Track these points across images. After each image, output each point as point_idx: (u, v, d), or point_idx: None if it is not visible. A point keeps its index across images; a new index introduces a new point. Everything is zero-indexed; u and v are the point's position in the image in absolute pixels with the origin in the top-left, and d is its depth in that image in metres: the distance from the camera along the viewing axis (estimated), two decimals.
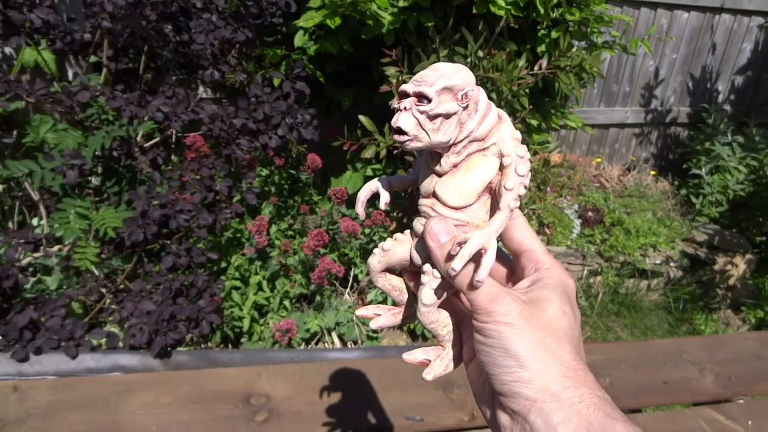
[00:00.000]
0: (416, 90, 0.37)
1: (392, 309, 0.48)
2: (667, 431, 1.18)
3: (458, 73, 0.38)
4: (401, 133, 0.37)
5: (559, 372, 0.34)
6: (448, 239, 0.38)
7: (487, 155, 0.39)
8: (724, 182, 2.83)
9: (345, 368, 1.25)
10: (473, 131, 0.39)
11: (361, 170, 2.45)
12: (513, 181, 0.38)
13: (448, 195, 0.39)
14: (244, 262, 1.94)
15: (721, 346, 1.48)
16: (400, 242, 0.44)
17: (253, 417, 1.07)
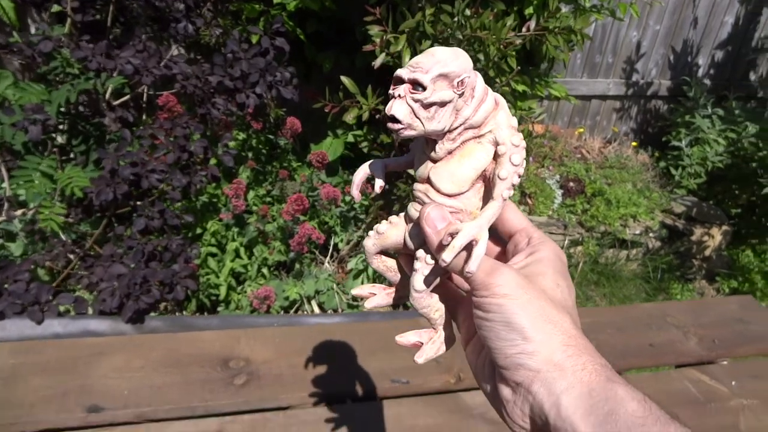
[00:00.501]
0: (411, 77, 0.36)
1: (387, 288, 0.48)
2: (654, 391, 1.17)
3: (455, 59, 0.36)
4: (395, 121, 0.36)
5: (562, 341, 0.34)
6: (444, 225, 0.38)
7: (482, 142, 0.39)
8: (703, 154, 2.84)
9: (327, 332, 1.20)
10: (469, 118, 0.38)
11: (342, 136, 2.38)
12: (507, 170, 0.38)
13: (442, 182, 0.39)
14: (220, 228, 1.87)
15: (703, 310, 1.49)
16: (395, 225, 0.44)
17: (231, 380, 1.03)
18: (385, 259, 0.47)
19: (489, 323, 0.36)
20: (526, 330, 0.34)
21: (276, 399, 1.01)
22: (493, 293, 0.36)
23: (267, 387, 1.02)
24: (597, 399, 0.32)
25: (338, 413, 1.00)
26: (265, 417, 0.97)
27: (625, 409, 0.31)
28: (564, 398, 0.32)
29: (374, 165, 0.45)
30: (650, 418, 0.31)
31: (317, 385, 1.04)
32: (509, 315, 0.35)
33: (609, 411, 0.31)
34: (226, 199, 1.92)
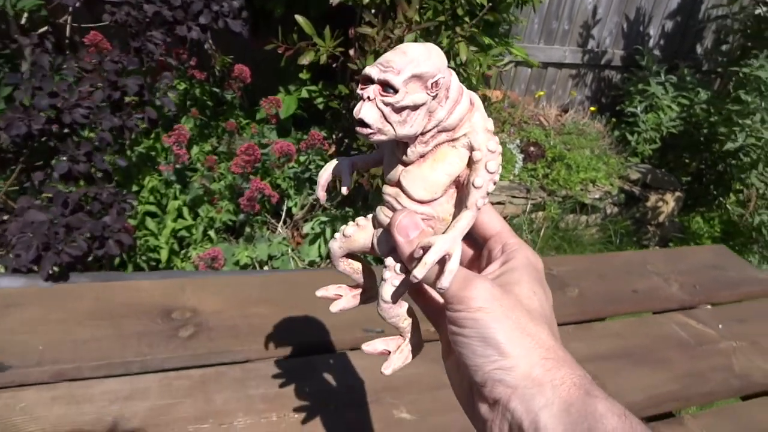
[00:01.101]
0: (381, 77, 0.33)
1: (353, 290, 0.47)
2: (643, 335, 1.09)
3: (428, 58, 0.34)
4: (364, 125, 0.34)
5: (540, 355, 0.33)
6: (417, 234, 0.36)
7: (456, 147, 0.37)
8: (657, 120, 2.85)
9: (288, 281, 1.05)
10: (443, 120, 0.36)
11: (295, 93, 2.21)
12: (482, 178, 0.36)
13: (414, 187, 0.37)
14: (159, 185, 1.67)
15: (681, 258, 1.44)
16: (363, 228, 0.42)
17: (176, 333, 0.86)
18: (351, 261, 0.45)
19: (465, 339, 0.34)
20: (502, 345, 0.33)
21: (230, 352, 0.85)
22: (468, 307, 0.34)
23: (219, 339, 0.86)
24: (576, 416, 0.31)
25: (304, 366, 0.85)
26: (218, 371, 0.81)
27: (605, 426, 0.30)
28: (542, 416, 0.31)
29: (341, 164, 0.42)
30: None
31: (279, 337, 0.89)
32: (485, 330, 0.34)
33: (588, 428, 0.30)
34: (166, 153, 1.71)
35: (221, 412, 0.75)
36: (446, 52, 1.53)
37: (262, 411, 0.76)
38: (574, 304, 1.15)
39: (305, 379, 0.83)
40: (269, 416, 0.75)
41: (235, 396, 0.77)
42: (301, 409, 0.77)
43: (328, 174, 0.42)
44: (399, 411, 0.81)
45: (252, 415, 0.75)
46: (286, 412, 0.76)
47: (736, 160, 2.90)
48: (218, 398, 0.77)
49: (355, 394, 0.82)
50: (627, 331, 1.10)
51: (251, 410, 0.76)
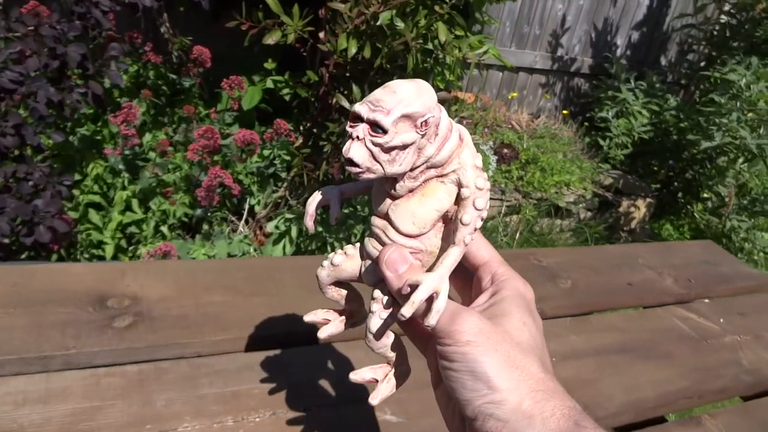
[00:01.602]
0: (371, 117, 0.33)
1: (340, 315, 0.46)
2: (644, 329, 1.00)
3: (419, 96, 0.34)
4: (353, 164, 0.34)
5: (529, 387, 0.33)
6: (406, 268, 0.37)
7: (445, 182, 0.37)
8: (629, 125, 2.83)
9: (249, 267, 0.91)
10: (432, 157, 0.36)
11: (260, 83, 2.07)
12: (470, 215, 0.36)
13: (402, 222, 0.37)
14: (104, 173, 1.50)
15: (670, 252, 1.36)
16: (351, 258, 0.42)
17: (110, 323, 0.71)
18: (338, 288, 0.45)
19: (455, 373, 0.34)
20: (492, 378, 0.33)
21: (177, 345, 0.70)
22: (456, 341, 0.34)
23: (164, 331, 0.72)
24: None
25: (268, 361, 0.71)
26: (160, 368, 0.66)
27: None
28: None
29: (329, 193, 0.42)
30: None
31: (238, 328, 0.75)
32: (473, 363, 0.34)
33: None
34: (114, 140, 1.54)
35: (162, 417, 0.60)
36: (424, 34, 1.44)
37: (215, 414, 0.61)
38: (567, 296, 1.05)
39: (270, 376, 0.69)
40: (224, 420, 0.61)
41: (181, 397, 0.63)
42: (264, 411, 0.63)
43: (317, 203, 0.42)
44: (383, 412, 0.68)
45: (202, 419, 0.60)
46: (244, 415, 0.62)
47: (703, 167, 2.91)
48: (159, 399, 0.62)
49: (329, 394, 0.68)
50: (627, 324, 1.00)
51: (201, 413, 0.61)
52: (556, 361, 0.85)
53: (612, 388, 0.82)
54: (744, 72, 2.27)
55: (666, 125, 2.84)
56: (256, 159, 1.94)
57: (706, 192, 3.01)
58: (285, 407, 0.64)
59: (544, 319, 0.94)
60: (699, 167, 2.94)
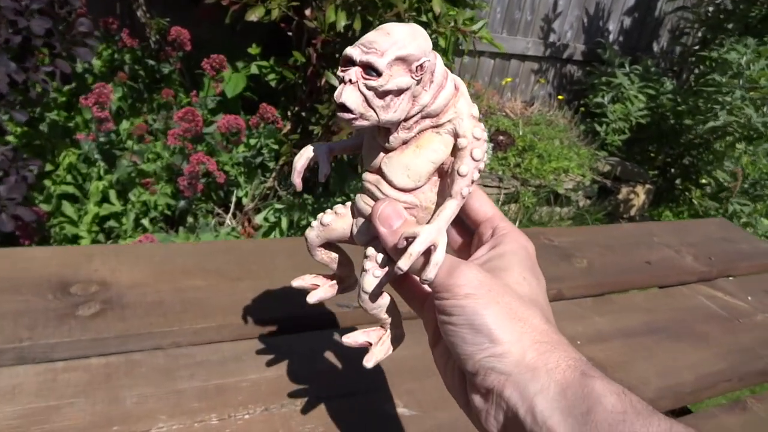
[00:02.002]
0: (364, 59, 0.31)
1: (330, 280, 0.44)
2: (671, 308, 0.92)
3: (413, 39, 0.32)
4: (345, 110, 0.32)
5: (533, 339, 0.32)
6: (400, 223, 0.35)
7: (440, 133, 0.35)
8: (625, 110, 2.76)
9: (234, 249, 0.82)
10: (427, 106, 0.34)
11: (243, 70, 1.97)
12: (468, 166, 0.34)
13: (396, 175, 0.36)
14: (78, 162, 1.39)
15: (687, 230, 1.29)
16: (341, 217, 0.40)
17: (72, 311, 0.61)
18: (328, 251, 0.42)
19: (454, 328, 0.33)
20: (493, 331, 0.31)
21: (151, 335, 0.61)
22: (455, 294, 0.32)
23: (136, 319, 0.62)
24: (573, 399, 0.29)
25: (258, 351, 0.62)
26: (131, 360, 0.57)
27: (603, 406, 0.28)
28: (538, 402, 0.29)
29: (317, 150, 0.40)
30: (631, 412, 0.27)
31: (225, 314, 0.66)
32: (474, 316, 0.32)
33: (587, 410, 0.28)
34: (87, 126, 1.44)
35: (133, 416, 0.50)
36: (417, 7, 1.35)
37: (196, 412, 0.52)
38: (584, 276, 0.96)
39: (260, 366, 0.59)
40: (207, 418, 0.51)
41: (155, 392, 0.53)
42: (254, 407, 0.54)
43: (305, 160, 0.40)
44: (394, 404, 0.58)
45: (180, 418, 0.51)
46: (231, 411, 0.53)
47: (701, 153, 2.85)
48: (129, 396, 0.52)
49: (330, 385, 0.59)
50: (651, 304, 0.92)
51: (180, 411, 0.51)
52: (581, 344, 0.76)
53: (646, 372, 0.73)
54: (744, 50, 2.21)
55: (663, 110, 2.78)
56: (243, 149, 1.84)
57: (705, 177, 2.95)
58: (279, 401, 0.55)
59: (562, 300, 0.86)
60: (697, 152, 2.88)
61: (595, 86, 3.07)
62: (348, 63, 0.32)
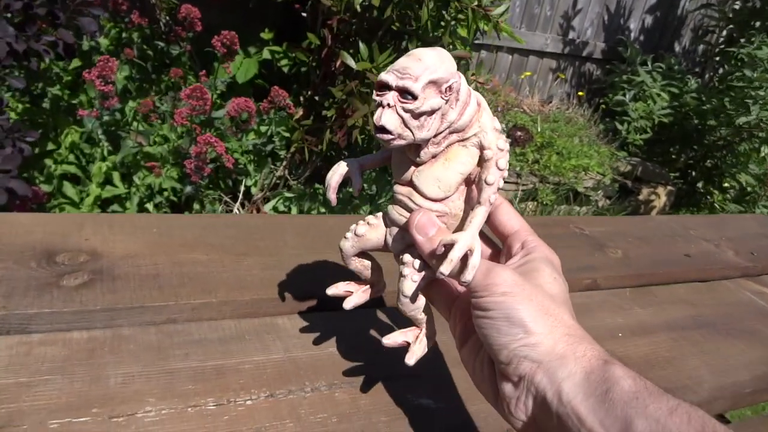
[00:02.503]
0: (400, 84, 0.34)
1: (362, 285, 0.46)
2: (718, 304, 0.83)
3: (442, 63, 0.35)
4: (385, 131, 0.35)
5: (562, 332, 0.35)
6: (435, 231, 0.38)
7: (467, 146, 0.38)
8: (647, 109, 2.67)
9: (241, 224, 0.75)
10: (454, 122, 0.36)
11: (255, 55, 1.90)
12: (494, 175, 0.37)
13: (428, 187, 0.38)
14: (81, 141, 1.33)
15: (724, 225, 1.20)
16: (374, 228, 0.43)
17: (56, 281, 0.54)
18: (362, 259, 0.45)
19: (490, 320, 0.36)
20: (527, 323, 0.35)
21: (144, 309, 0.54)
22: (492, 292, 0.36)
23: (127, 291, 0.55)
24: (595, 382, 0.32)
25: (263, 329, 0.54)
26: (118, 335, 0.50)
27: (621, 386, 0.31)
28: (565, 385, 0.33)
29: (350, 165, 0.43)
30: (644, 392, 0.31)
31: (227, 290, 0.59)
32: (510, 311, 0.35)
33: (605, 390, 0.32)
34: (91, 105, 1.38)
35: (116, 397, 0.43)
36: None
37: (190, 395, 0.45)
38: (620, 266, 0.88)
39: (265, 348, 0.52)
40: (202, 402, 0.44)
41: (144, 372, 0.46)
42: (258, 391, 0.46)
43: (339, 176, 0.42)
44: (415, 394, 0.51)
45: (172, 401, 0.44)
46: (231, 396, 0.45)
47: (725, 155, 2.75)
48: (114, 375, 0.45)
49: (343, 371, 0.51)
50: (695, 297, 0.84)
51: (171, 393, 0.44)
52: (623, 336, 0.69)
53: (698, 369, 0.65)
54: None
55: (686, 109, 2.68)
56: (253, 136, 1.78)
57: (728, 181, 2.85)
58: (285, 387, 0.48)
59: (598, 290, 0.78)
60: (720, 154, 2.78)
61: (615, 84, 2.98)
62: (383, 88, 0.35)
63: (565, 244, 0.94)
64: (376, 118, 0.35)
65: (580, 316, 0.74)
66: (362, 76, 1.36)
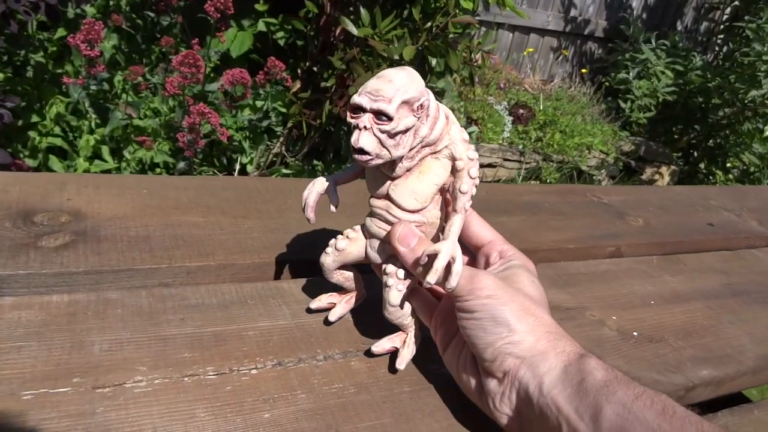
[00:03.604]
0: (374, 107, 0.35)
1: (344, 296, 0.47)
2: (752, 272, 0.79)
3: (412, 82, 0.36)
4: (363, 153, 0.36)
5: (543, 330, 0.37)
6: (416, 241, 0.39)
7: (439, 158, 0.40)
8: (651, 86, 2.61)
9: (243, 187, 0.69)
10: (426, 137, 0.38)
11: (250, 28, 1.83)
12: (467, 184, 0.39)
13: (405, 199, 0.40)
14: (67, 113, 1.26)
15: (743, 195, 1.15)
16: (354, 241, 0.43)
17: (33, 242, 0.48)
18: (343, 272, 0.45)
19: (476, 321, 0.38)
20: (511, 322, 0.37)
21: (131, 272, 0.48)
22: (477, 296, 0.38)
23: (114, 253, 0.49)
24: (571, 374, 0.35)
25: (264, 294, 0.49)
26: (103, 298, 0.44)
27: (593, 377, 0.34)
28: (546, 378, 0.35)
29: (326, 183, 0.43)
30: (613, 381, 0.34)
31: (226, 253, 0.53)
32: (494, 311, 0.37)
33: (580, 380, 0.34)
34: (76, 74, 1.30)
35: (102, 366, 0.37)
36: None
37: (186, 363, 0.39)
38: (644, 234, 0.83)
39: (271, 313, 0.46)
40: (201, 372, 0.39)
41: (133, 338, 0.40)
42: (264, 360, 0.41)
43: (316, 195, 0.43)
44: (441, 364, 0.45)
45: (166, 370, 0.38)
46: (233, 365, 0.40)
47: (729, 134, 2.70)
48: (99, 341, 0.39)
49: (360, 338, 0.46)
50: (726, 266, 0.79)
51: (165, 362, 0.39)
52: (656, 304, 0.63)
53: (739, 338, 0.60)
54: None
55: (691, 87, 2.63)
56: (248, 112, 1.71)
57: (731, 161, 2.80)
58: (295, 355, 0.42)
59: (622, 257, 0.72)
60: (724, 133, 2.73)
61: (618, 63, 2.92)
62: (358, 110, 0.36)
63: (583, 212, 0.89)
64: (353, 140, 0.36)
65: (607, 283, 0.69)
66: (364, 43, 1.30)
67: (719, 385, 0.53)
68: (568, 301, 0.59)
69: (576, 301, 0.60)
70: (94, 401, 0.34)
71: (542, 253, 0.72)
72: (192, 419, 0.35)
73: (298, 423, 0.36)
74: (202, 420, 0.35)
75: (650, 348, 0.54)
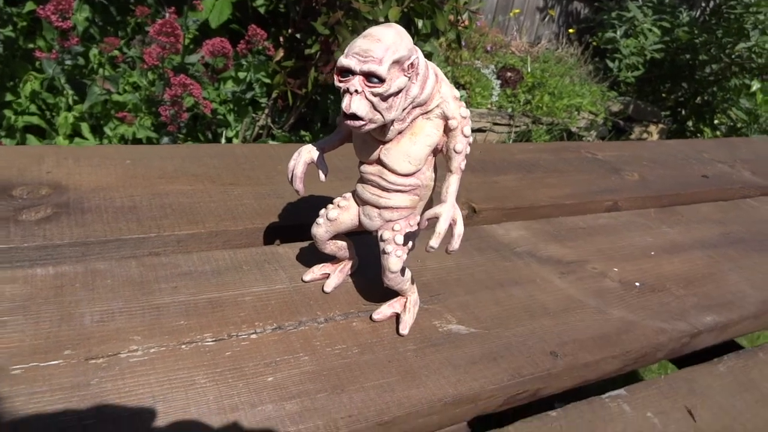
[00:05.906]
0: (365, 69, 0.33)
1: (337, 265, 0.46)
2: (748, 221, 0.79)
3: (401, 40, 0.34)
4: (356, 118, 0.34)
5: None
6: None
7: (431, 118, 0.38)
8: (639, 45, 2.58)
9: (230, 154, 0.67)
10: (417, 97, 0.36)
11: None
12: (462, 143, 0.38)
13: (399, 163, 0.38)
14: (41, 89, 1.21)
15: (735, 147, 1.15)
16: (346, 210, 0.42)
17: (14, 215, 0.46)
18: (336, 241, 0.44)
19: None
20: None
21: (119, 243, 0.46)
22: None
23: (100, 224, 0.47)
24: None
25: (268, 257, 0.47)
26: (91, 269, 0.42)
27: None
28: None
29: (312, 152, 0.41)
30: None
31: (217, 220, 0.51)
32: None
33: None
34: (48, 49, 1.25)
35: (94, 337, 0.36)
36: None
37: (182, 331, 0.37)
38: (640, 188, 0.83)
39: (267, 278, 0.45)
40: (198, 338, 0.37)
41: (125, 308, 0.39)
42: (263, 324, 0.39)
43: (303, 165, 0.41)
44: (443, 320, 0.44)
45: (162, 339, 0.36)
46: (232, 330, 0.38)
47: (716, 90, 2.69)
48: (89, 313, 0.38)
49: (361, 299, 0.44)
50: (723, 215, 0.79)
51: (160, 330, 0.37)
52: (656, 254, 0.63)
53: (739, 285, 0.60)
54: None
55: (678, 44, 2.60)
56: (231, 84, 1.66)
57: (719, 117, 2.80)
58: (295, 318, 0.41)
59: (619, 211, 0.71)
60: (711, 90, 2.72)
61: (604, 22, 2.88)
62: (346, 73, 0.34)
63: (578, 169, 0.88)
64: (345, 106, 0.34)
65: (607, 236, 0.69)
66: (347, 6, 1.26)
67: (723, 330, 0.53)
68: (569, 255, 0.58)
69: (576, 254, 0.59)
70: (88, 373, 0.33)
71: (540, 210, 0.71)
72: (192, 386, 0.34)
73: (303, 385, 0.35)
74: (203, 386, 0.34)
75: (653, 297, 0.54)
